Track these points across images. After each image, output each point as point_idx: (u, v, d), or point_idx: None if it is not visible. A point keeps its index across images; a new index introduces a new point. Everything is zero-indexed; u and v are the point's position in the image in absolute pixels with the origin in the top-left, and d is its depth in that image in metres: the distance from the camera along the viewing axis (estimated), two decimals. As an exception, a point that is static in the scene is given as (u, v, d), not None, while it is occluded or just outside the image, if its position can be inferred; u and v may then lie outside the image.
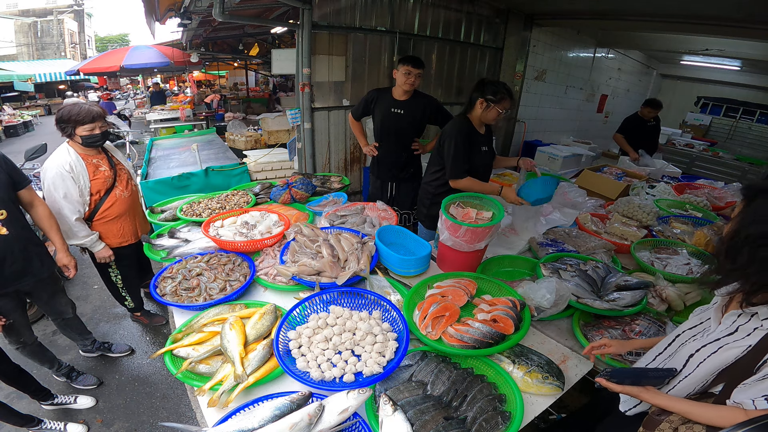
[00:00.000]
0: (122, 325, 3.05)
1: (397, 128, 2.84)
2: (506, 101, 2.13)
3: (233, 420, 1.09)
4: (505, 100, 2.12)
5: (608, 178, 3.37)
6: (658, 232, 2.40)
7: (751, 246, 0.89)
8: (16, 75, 14.27)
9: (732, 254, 0.93)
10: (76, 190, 2.14)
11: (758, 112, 8.38)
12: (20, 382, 2.08)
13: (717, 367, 0.99)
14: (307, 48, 3.27)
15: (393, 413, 1.07)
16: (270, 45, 8.12)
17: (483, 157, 2.31)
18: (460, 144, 2.17)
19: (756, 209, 0.91)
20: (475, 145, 2.24)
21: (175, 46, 9.00)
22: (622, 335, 1.53)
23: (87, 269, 3.66)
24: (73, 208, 2.16)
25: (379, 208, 2.37)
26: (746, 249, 0.90)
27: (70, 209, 2.15)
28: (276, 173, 4.30)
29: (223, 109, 10.03)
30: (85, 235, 2.25)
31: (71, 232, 2.20)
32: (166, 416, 2.29)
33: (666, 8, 3.62)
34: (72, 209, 2.15)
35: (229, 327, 1.35)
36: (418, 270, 1.89)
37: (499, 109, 2.13)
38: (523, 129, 5.60)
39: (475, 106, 2.19)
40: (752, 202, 0.93)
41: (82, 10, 24.81)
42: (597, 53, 6.60)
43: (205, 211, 2.47)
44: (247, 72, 12.49)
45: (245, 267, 1.86)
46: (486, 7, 4.54)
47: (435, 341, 1.36)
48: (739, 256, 0.91)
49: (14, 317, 1.99)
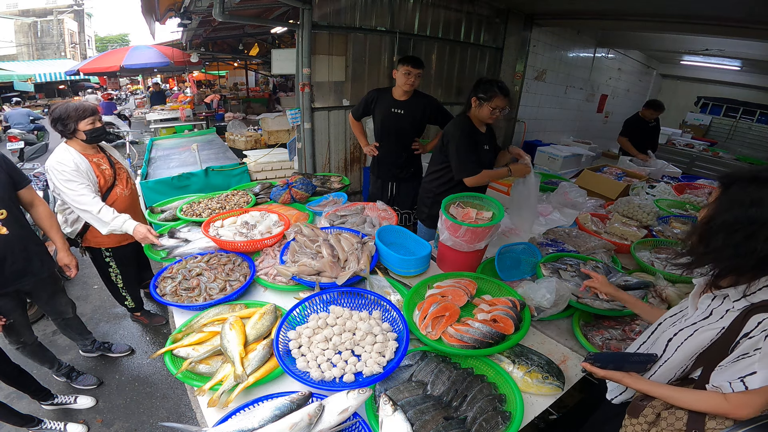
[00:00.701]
0: (122, 325, 3.05)
1: (398, 128, 2.84)
2: (498, 98, 2.11)
3: (233, 420, 1.09)
4: (497, 97, 2.10)
5: (608, 178, 3.37)
6: (658, 232, 2.40)
7: (726, 231, 0.92)
8: (16, 75, 14.29)
9: (706, 238, 0.97)
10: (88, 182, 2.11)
11: (758, 112, 8.37)
12: (20, 382, 2.08)
13: (694, 351, 1.02)
14: (307, 48, 3.27)
15: (393, 413, 1.07)
16: (270, 45, 8.13)
17: (486, 156, 2.30)
18: (464, 142, 2.16)
19: (731, 196, 0.94)
20: (477, 144, 2.24)
21: (175, 46, 9.00)
22: (622, 335, 1.53)
23: (87, 269, 3.66)
24: (91, 199, 2.08)
25: (379, 208, 2.37)
26: (721, 234, 0.93)
27: (90, 201, 2.07)
28: (276, 173, 4.30)
29: (223, 109, 10.03)
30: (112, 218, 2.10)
31: (100, 222, 2.11)
32: (166, 416, 2.29)
33: (666, 8, 3.62)
34: (91, 201, 2.08)
35: (229, 327, 1.35)
36: (418, 270, 1.89)
37: (491, 107, 2.12)
38: (523, 129, 5.60)
39: (472, 105, 2.20)
40: (728, 190, 0.96)
41: (82, 10, 24.81)
42: (597, 53, 6.60)
43: (205, 211, 2.47)
44: (247, 72, 12.50)
45: (245, 267, 1.86)
46: (486, 7, 4.54)
47: (435, 341, 1.36)
48: (713, 240, 0.95)
49: (14, 317, 1.98)
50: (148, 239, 2.08)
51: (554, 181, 3.52)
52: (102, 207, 2.09)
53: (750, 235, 0.89)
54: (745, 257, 0.90)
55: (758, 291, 0.94)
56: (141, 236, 2.09)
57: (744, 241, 0.90)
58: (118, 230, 2.12)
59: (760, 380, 0.89)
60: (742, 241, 0.90)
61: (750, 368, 0.91)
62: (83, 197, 2.06)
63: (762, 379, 0.89)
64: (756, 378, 0.90)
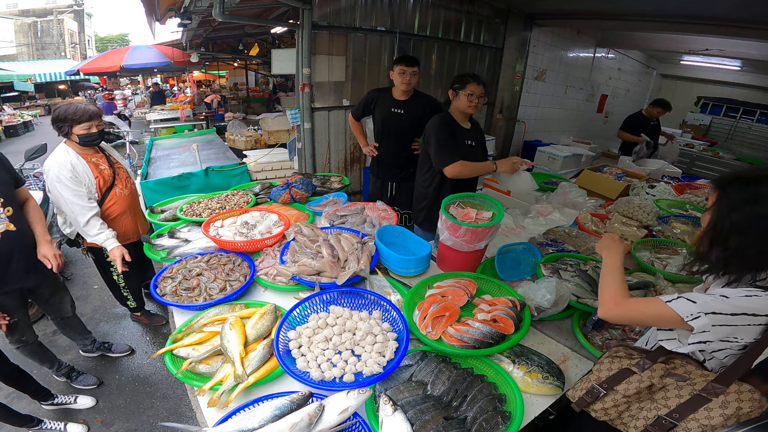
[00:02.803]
0: (122, 325, 3.05)
1: (398, 128, 2.84)
2: (471, 85, 2.15)
3: (233, 420, 1.09)
4: (470, 83, 2.15)
5: (608, 178, 3.37)
6: (658, 232, 2.40)
7: (738, 231, 0.94)
8: (16, 75, 14.26)
9: (721, 242, 0.98)
10: (82, 189, 2.11)
11: (758, 112, 8.37)
12: (20, 382, 2.08)
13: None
14: (307, 48, 3.27)
15: (393, 413, 1.07)
16: (270, 45, 8.12)
17: (470, 151, 2.29)
18: (441, 134, 2.18)
19: (730, 198, 0.96)
20: (458, 137, 2.24)
21: (175, 46, 8.99)
22: (622, 335, 1.53)
23: (87, 269, 3.67)
24: (81, 208, 2.10)
25: (379, 208, 2.37)
26: (734, 235, 0.95)
27: (79, 210, 2.10)
28: (276, 173, 4.30)
29: (223, 109, 10.03)
30: (96, 234, 2.14)
31: (85, 234, 2.16)
32: (166, 416, 2.29)
33: (666, 8, 3.62)
34: (81, 210, 2.10)
35: (229, 327, 1.35)
36: (418, 270, 1.89)
37: (465, 94, 2.16)
38: (523, 129, 5.60)
39: (451, 100, 2.25)
40: (725, 192, 0.98)
41: (82, 10, 24.80)
42: (597, 53, 6.60)
43: (205, 211, 2.47)
44: (247, 72, 12.50)
45: (245, 267, 1.86)
46: (486, 7, 4.53)
47: (435, 341, 1.36)
48: (729, 242, 0.96)
49: (18, 316, 1.99)
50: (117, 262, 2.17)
51: (554, 181, 3.52)
52: (90, 218, 2.13)
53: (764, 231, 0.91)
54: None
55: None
56: (113, 257, 2.18)
57: (761, 238, 0.91)
58: (101, 244, 2.20)
59: (681, 306, 0.95)
60: (760, 238, 0.91)
61: (698, 299, 0.95)
62: (74, 206, 2.09)
63: (683, 307, 0.95)
64: (684, 303, 0.95)
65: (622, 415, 1.06)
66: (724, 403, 0.90)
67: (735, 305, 0.91)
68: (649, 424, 0.98)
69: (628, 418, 1.04)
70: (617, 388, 1.05)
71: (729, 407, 0.90)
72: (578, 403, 1.12)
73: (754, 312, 0.89)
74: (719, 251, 0.99)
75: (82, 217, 2.11)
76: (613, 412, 1.06)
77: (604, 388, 1.07)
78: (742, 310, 0.90)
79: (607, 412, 1.07)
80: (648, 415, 1.00)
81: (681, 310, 0.94)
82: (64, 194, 2.07)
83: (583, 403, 1.10)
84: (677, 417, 0.94)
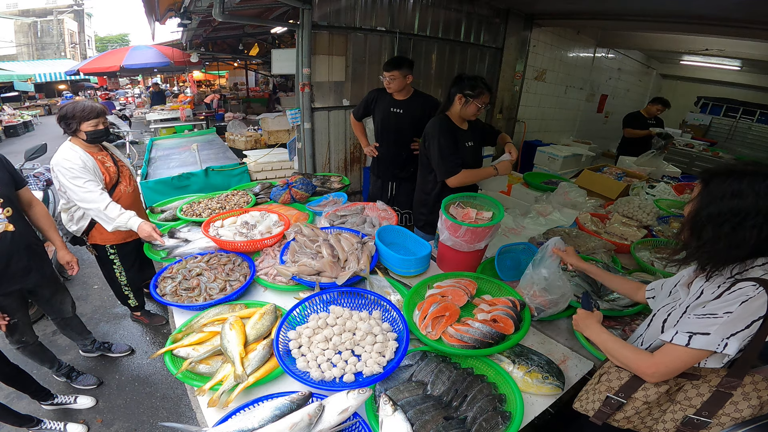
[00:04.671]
0: (122, 325, 3.05)
1: (397, 127, 2.84)
2: (485, 96, 2.12)
3: (233, 420, 1.09)
4: (484, 94, 2.12)
5: (608, 178, 3.37)
6: (658, 232, 2.40)
7: (714, 223, 0.96)
8: (16, 75, 14.27)
9: (696, 232, 1.01)
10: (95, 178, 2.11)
11: (758, 112, 8.37)
12: (19, 382, 2.08)
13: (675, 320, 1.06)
14: (307, 48, 3.27)
15: (393, 413, 1.07)
16: (270, 45, 8.12)
17: (469, 153, 2.28)
18: (444, 141, 2.14)
19: (712, 191, 0.98)
20: (459, 141, 2.21)
21: (175, 46, 9.00)
22: (622, 335, 1.53)
23: (87, 269, 3.66)
24: (99, 195, 2.09)
25: (379, 208, 2.37)
26: (709, 226, 0.97)
27: (98, 197, 2.08)
28: (276, 173, 4.30)
29: (223, 109, 10.03)
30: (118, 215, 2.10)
31: (107, 218, 2.11)
32: (166, 416, 2.29)
33: (666, 8, 3.62)
34: (99, 197, 2.08)
35: (229, 327, 1.35)
36: (418, 270, 1.89)
37: (477, 104, 2.13)
38: (523, 129, 5.60)
39: (454, 102, 2.17)
40: (708, 185, 1.00)
41: (82, 10, 24.80)
42: (597, 53, 6.60)
43: (205, 211, 2.47)
44: (247, 72, 12.49)
45: (245, 267, 1.86)
46: (486, 7, 4.53)
47: (435, 341, 1.36)
48: (703, 233, 0.98)
49: (18, 316, 1.99)
50: (152, 237, 2.09)
51: (554, 181, 3.52)
52: (109, 203, 2.11)
53: (737, 225, 0.92)
54: (739, 248, 0.94)
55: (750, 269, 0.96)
56: (146, 234, 2.09)
57: (733, 232, 0.93)
58: (123, 227, 2.12)
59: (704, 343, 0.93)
60: (732, 232, 0.93)
61: (708, 329, 0.94)
62: (91, 194, 2.07)
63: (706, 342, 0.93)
64: (703, 339, 0.93)
65: (644, 420, 1.07)
66: (746, 395, 0.94)
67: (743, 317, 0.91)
68: (680, 425, 0.99)
69: (651, 422, 1.05)
70: (635, 396, 1.06)
71: (751, 398, 0.93)
72: (598, 416, 1.11)
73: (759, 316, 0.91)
74: (694, 241, 1.02)
75: (102, 203, 2.09)
76: (635, 419, 1.07)
77: (621, 397, 1.07)
78: (752, 317, 0.91)
79: (629, 420, 1.08)
80: (675, 417, 1.00)
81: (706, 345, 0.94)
82: (78, 183, 2.05)
83: (603, 416, 1.10)
84: (707, 415, 0.96)
